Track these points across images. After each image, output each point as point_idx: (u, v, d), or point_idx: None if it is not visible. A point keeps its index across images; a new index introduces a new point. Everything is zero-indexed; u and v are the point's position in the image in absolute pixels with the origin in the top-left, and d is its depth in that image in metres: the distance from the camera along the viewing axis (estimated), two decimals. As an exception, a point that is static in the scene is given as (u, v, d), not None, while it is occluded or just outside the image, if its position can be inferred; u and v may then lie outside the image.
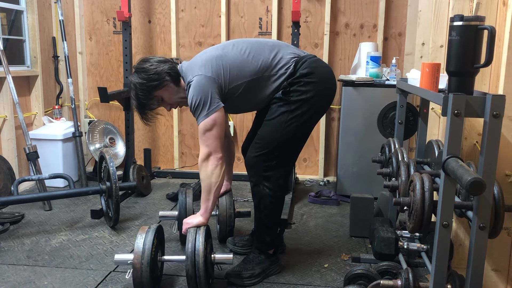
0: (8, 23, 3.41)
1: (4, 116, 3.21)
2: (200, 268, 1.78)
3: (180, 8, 3.74)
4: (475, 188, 1.16)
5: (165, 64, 2.00)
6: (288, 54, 2.00)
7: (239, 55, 1.98)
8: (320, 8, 3.58)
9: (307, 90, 1.95)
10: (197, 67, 1.96)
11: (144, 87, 1.99)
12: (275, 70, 1.98)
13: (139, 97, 2.02)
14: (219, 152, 1.93)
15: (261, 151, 2.00)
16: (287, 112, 1.96)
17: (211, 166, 1.92)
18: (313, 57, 2.03)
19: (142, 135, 3.96)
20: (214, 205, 1.99)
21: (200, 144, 1.94)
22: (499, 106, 1.31)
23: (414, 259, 2.19)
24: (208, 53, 2.01)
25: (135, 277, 1.79)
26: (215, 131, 1.90)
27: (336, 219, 2.91)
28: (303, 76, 1.95)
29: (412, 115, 2.38)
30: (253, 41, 2.06)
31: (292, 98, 1.95)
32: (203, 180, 1.95)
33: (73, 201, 3.14)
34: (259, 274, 2.06)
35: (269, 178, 2.01)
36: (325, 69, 2.04)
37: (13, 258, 2.27)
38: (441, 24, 2.40)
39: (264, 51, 2.00)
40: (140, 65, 2.02)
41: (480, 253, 1.39)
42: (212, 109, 1.89)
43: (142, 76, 1.99)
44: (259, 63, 1.97)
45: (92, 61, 3.91)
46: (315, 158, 3.81)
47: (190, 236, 1.85)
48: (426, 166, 2.05)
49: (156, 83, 1.98)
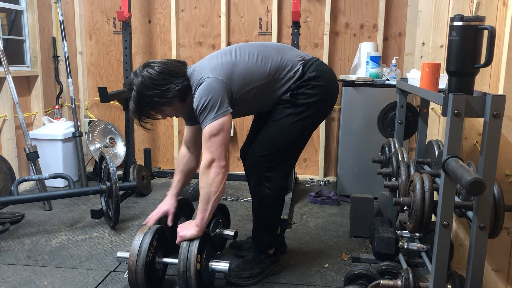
0: (8, 23, 3.41)
1: (4, 116, 3.21)
2: (192, 277, 1.77)
3: (180, 8, 3.74)
4: (475, 188, 1.16)
5: (177, 80, 1.86)
6: (295, 57, 1.98)
7: (249, 59, 1.92)
8: (320, 8, 3.58)
9: (315, 94, 1.95)
10: (208, 70, 1.87)
11: (149, 99, 1.85)
12: (284, 73, 1.95)
13: (140, 106, 1.89)
14: (223, 159, 1.84)
15: (264, 152, 1.98)
16: (294, 114, 1.95)
17: (213, 174, 1.82)
18: (318, 60, 2.02)
19: (142, 135, 3.95)
20: (210, 216, 1.89)
21: (204, 150, 1.85)
22: (499, 106, 1.31)
23: (414, 259, 2.19)
24: (218, 59, 1.91)
25: (130, 278, 1.79)
26: (221, 137, 1.82)
27: (336, 219, 2.91)
28: (311, 79, 1.94)
29: (412, 115, 2.37)
30: (258, 45, 2.01)
31: (299, 101, 1.94)
32: (202, 188, 1.85)
33: (73, 201, 3.14)
34: (258, 274, 2.06)
35: (270, 178, 2.00)
36: (330, 72, 2.04)
37: (13, 258, 2.27)
38: (441, 24, 2.40)
39: (271, 54, 1.96)
40: (148, 74, 1.85)
41: (480, 253, 1.39)
42: (221, 112, 1.80)
43: (150, 87, 1.84)
44: (269, 67, 1.93)
45: (92, 61, 3.92)
46: (315, 158, 3.81)
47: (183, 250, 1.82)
48: (426, 166, 2.05)
49: (164, 100, 1.86)
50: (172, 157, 3.95)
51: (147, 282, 1.81)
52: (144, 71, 1.86)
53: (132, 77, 1.89)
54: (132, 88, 1.87)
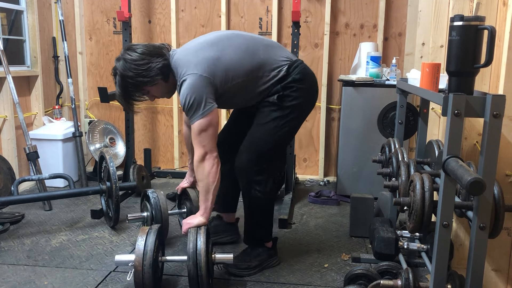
0: (8, 23, 3.41)
1: (4, 116, 3.21)
2: (202, 268, 1.77)
3: (180, 8, 3.74)
4: (475, 188, 1.16)
5: (158, 59, 1.92)
6: (281, 57, 2.03)
7: (235, 55, 1.96)
8: (320, 8, 3.58)
9: (299, 96, 2.02)
10: (193, 64, 1.90)
11: (133, 80, 1.92)
12: (268, 71, 2.00)
13: (125, 89, 1.95)
14: (215, 151, 1.93)
15: (253, 156, 2.02)
16: (280, 117, 2.01)
17: (208, 166, 1.91)
18: (303, 63, 2.08)
19: (142, 135, 3.96)
20: (213, 204, 1.98)
21: (195, 145, 1.92)
22: (499, 106, 1.31)
23: (414, 259, 2.19)
24: (204, 53, 1.94)
25: (136, 279, 1.78)
26: (211, 131, 1.90)
27: (336, 219, 2.91)
28: (296, 81, 2.00)
29: (412, 115, 2.37)
30: (248, 38, 2.04)
31: (285, 104, 2.00)
32: (200, 180, 1.94)
33: (73, 201, 3.13)
34: (255, 266, 2.10)
35: (260, 182, 2.04)
36: (313, 76, 2.13)
37: (13, 258, 2.27)
38: (441, 24, 2.40)
39: (259, 50, 2.00)
40: (129, 56, 1.91)
41: (480, 253, 1.39)
42: (207, 109, 1.87)
43: (132, 68, 1.90)
44: (254, 64, 1.97)
45: (92, 61, 3.91)
46: (315, 158, 3.81)
47: (191, 236, 1.85)
48: (426, 166, 2.05)
49: (147, 79, 1.93)
50: (172, 157, 3.95)
51: (153, 281, 1.81)
52: (125, 54, 1.93)
53: (115, 62, 1.96)
54: (116, 73, 1.94)
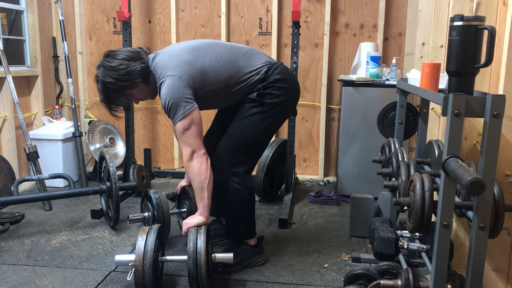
0: (8, 23, 3.41)
1: (4, 116, 3.21)
2: (202, 267, 1.77)
3: (180, 8, 3.74)
4: (475, 188, 1.16)
5: (136, 63, 1.96)
6: (261, 62, 2.10)
7: (215, 61, 2.01)
8: (320, 8, 3.58)
9: (280, 94, 2.08)
10: (172, 67, 1.95)
11: (114, 86, 1.96)
12: (248, 73, 2.06)
13: (107, 95, 2.00)
14: (202, 148, 1.95)
15: (232, 148, 2.08)
16: (260, 113, 2.07)
17: (197, 164, 1.93)
18: (283, 64, 2.16)
19: (142, 135, 3.96)
20: (210, 200, 1.98)
21: (182, 146, 1.95)
22: (499, 106, 1.31)
23: (414, 259, 2.19)
24: (184, 56, 1.99)
25: (137, 279, 1.78)
26: (194, 129, 1.92)
27: (336, 219, 2.91)
28: (277, 81, 2.07)
29: (412, 115, 2.37)
30: (228, 46, 2.10)
31: (265, 101, 2.07)
32: (193, 179, 1.96)
33: (73, 201, 3.14)
34: (236, 264, 2.10)
35: (238, 173, 2.09)
36: (294, 76, 2.22)
37: (13, 258, 2.27)
38: (441, 24, 2.40)
39: (239, 59, 2.06)
40: (108, 63, 1.96)
41: (480, 253, 1.39)
42: (188, 108, 1.90)
43: (112, 74, 1.94)
44: (234, 71, 2.04)
45: (92, 61, 3.91)
46: (315, 158, 3.81)
47: (191, 235, 1.85)
48: (426, 166, 2.05)
49: (127, 83, 1.97)
50: (172, 157, 3.95)
51: (154, 281, 1.81)
52: (104, 61, 1.98)
53: (96, 70, 2.01)
54: (98, 80, 2.00)
